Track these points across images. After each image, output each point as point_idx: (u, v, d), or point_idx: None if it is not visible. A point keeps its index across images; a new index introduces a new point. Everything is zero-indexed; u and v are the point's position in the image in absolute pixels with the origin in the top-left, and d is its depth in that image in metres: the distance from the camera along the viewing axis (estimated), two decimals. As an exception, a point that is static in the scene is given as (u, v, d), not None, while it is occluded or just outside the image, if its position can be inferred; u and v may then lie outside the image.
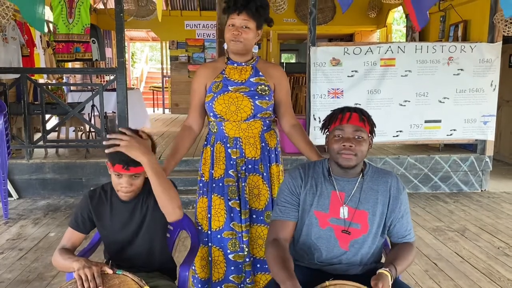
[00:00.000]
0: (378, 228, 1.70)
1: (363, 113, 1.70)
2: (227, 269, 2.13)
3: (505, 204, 4.78)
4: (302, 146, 2.19)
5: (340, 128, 1.65)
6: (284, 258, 1.61)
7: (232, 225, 2.11)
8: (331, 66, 4.89)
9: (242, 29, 2.03)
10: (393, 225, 1.72)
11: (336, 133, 1.66)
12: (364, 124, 1.66)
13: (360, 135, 1.64)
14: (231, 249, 2.11)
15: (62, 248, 1.77)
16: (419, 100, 5.01)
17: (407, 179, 5.24)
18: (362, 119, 1.66)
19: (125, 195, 1.75)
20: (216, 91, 2.08)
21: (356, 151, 1.62)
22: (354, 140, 1.63)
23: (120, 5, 4.78)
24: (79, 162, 4.97)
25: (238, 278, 2.14)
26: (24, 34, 6.18)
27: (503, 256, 3.41)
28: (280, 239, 1.69)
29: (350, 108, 1.71)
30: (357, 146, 1.63)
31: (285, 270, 1.55)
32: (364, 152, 1.66)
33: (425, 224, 4.14)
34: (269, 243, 1.70)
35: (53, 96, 5.13)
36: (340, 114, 1.67)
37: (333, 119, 1.70)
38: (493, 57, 4.98)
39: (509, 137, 6.60)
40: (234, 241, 2.11)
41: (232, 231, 2.11)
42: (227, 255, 2.12)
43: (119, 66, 4.87)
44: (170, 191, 1.69)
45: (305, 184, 1.73)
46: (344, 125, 1.65)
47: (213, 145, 2.16)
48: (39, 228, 3.99)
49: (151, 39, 14.74)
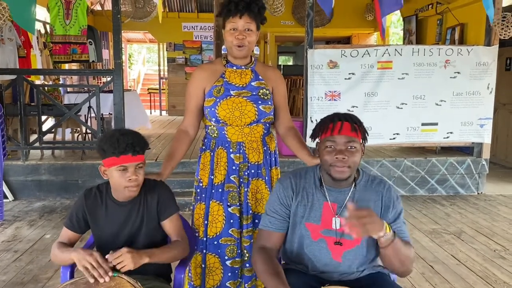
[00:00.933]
0: (371, 238, 1.64)
1: (354, 121, 1.62)
2: (224, 275, 2.10)
3: (502, 207, 4.79)
4: (295, 147, 2.15)
5: (332, 140, 1.59)
6: (273, 265, 1.58)
7: (231, 232, 2.08)
8: (328, 68, 4.89)
9: (246, 32, 1.98)
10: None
11: (327, 144, 1.60)
12: (356, 133, 1.59)
13: (353, 145, 1.58)
14: (229, 255, 2.08)
15: (59, 242, 1.79)
16: (416, 103, 5.02)
17: (404, 181, 5.25)
18: (354, 128, 1.59)
19: (133, 192, 1.72)
20: (218, 96, 2.03)
21: (349, 162, 1.57)
22: (347, 151, 1.57)
23: (118, 6, 4.78)
24: (75, 163, 4.95)
25: (234, 284, 2.11)
26: (20, 35, 6.16)
27: (499, 258, 3.41)
28: (267, 247, 1.67)
29: (341, 116, 1.63)
30: (350, 157, 1.57)
31: (276, 277, 1.52)
32: (357, 162, 1.61)
33: (422, 226, 4.14)
34: (255, 251, 1.68)
35: (49, 97, 5.12)
36: (331, 124, 1.60)
37: (323, 128, 1.62)
38: (489, 60, 5.00)
39: (506, 140, 6.62)
40: (232, 247, 2.08)
41: (230, 237, 2.08)
42: (225, 262, 2.09)
43: (116, 67, 4.87)
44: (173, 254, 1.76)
45: (296, 195, 1.69)
46: (336, 136, 1.58)
47: (213, 150, 2.11)
48: (35, 230, 3.97)
49: (148, 41, 14.73)
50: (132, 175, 1.69)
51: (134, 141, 1.68)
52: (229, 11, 1.96)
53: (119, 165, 1.68)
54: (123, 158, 1.67)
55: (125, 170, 1.69)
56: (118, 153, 1.66)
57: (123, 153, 1.66)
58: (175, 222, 1.85)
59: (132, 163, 1.68)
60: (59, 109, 5.09)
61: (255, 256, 1.66)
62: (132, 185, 1.70)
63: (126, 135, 1.70)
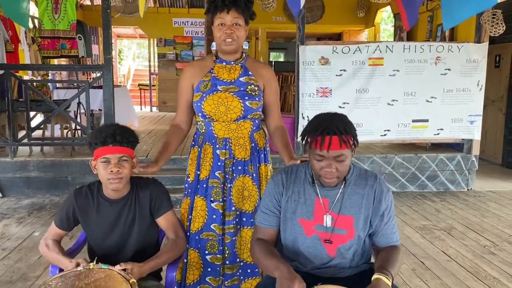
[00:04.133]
0: (363, 232, 1.67)
1: (343, 132, 1.54)
2: (204, 271, 2.10)
3: (491, 203, 4.83)
4: (279, 147, 2.14)
5: (321, 154, 1.55)
6: (271, 250, 1.62)
7: (212, 227, 2.08)
8: (319, 65, 4.88)
9: (234, 27, 1.99)
10: (378, 228, 1.67)
11: (317, 153, 1.56)
12: (346, 144, 1.54)
13: (342, 158, 1.56)
14: (209, 250, 2.08)
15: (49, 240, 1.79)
16: (407, 100, 5.03)
17: (395, 178, 5.27)
18: (343, 141, 1.53)
19: (116, 184, 1.70)
20: (204, 91, 2.04)
21: (338, 173, 1.57)
22: (336, 162, 1.55)
23: (107, 1, 4.72)
24: (64, 160, 4.90)
25: (215, 281, 2.11)
26: (8, 30, 6.07)
27: (489, 254, 3.44)
28: (264, 239, 1.72)
29: (330, 129, 1.53)
30: (340, 167, 1.56)
31: (275, 257, 1.55)
32: (347, 167, 1.60)
33: (412, 223, 4.16)
34: (253, 242, 1.72)
35: (38, 93, 5.05)
36: (320, 137, 1.53)
37: (312, 139, 1.57)
38: (479, 57, 5.02)
39: (494, 137, 6.68)
40: (213, 243, 2.08)
41: (212, 232, 2.08)
42: (205, 256, 2.09)
43: (106, 63, 4.81)
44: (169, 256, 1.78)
45: (286, 191, 1.69)
46: (325, 152, 1.54)
47: (201, 145, 2.12)
48: (23, 228, 3.92)
49: (139, 36, 14.60)
50: (114, 167, 1.67)
51: (115, 131, 1.67)
52: (216, 7, 1.98)
53: (101, 157, 1.67)
54: (104, 149, 1.67)
55: (108, 162, 1.67)
56: (99, 143, 1.66)
57: (104, 143, 1.66)
58: (170, 219, 1.84)
59: (114, 155, 1.67)
60: (48, 105, 5.03)
61: (252, 246, 1.71)
62: (113, 177, 1.68)
63: (109, 126, 1.70)
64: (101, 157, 1.67)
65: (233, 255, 2.11)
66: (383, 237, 1.68)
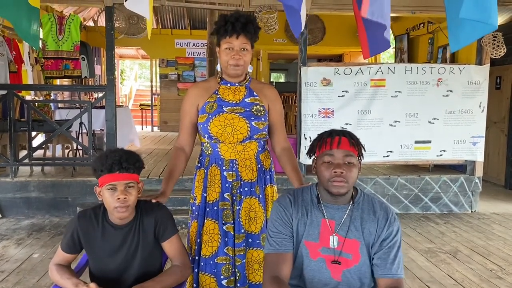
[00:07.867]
0: (369, 258, 1.63)
1: (352, 136, 1.64)
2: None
3: (495, 225, 4.78)
4: (288, 170, 2.14)
5: (330, 153, 1.59)
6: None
7: (226, 250, 2.05)
8: (322, 86, 4.90)
9: (242, 52, 2.00)
10: (378, 258, 1.60)
11: (325, 159, 1.60)
12: (354, 148, 1.61)
13: (350, 160, 1.59)
14: (224, 274, 2.05)
15: (59, 265, 1.76)
16: (409, 121, 5.03)
17: (398, 199, 5.23)
18: (352, 143, 1.61)
19: (122, 213, 1.67)
20: (210, 112, 2.04)
21: (347, 178, 1.58)
22: (345, 166, 1.58)
23: (111, 22, 4.76)
24: (65, 180, 4.87)
25: None
26: (12, 50, 6.10)
27: (496, 279, 3.38)
28: (281, 275, 1.58)
29: (339, 131, 1.65)
30: (348, 172, 1.58)
31: None
32: (355, 178, 1.61)
33: (417, 245, 4.10)
34: (268, 282, 1.57)
35: (40, 113, 5.05)
36: (329, 138, 1.61)
37: (321, 143, 1.63)
38: (481, 79, 5.04)
39: (497, 158, 6.66)
40: (228, 266, 2.05)
41: (226, 256, 2.05)
42: (221, 281, 2.05)
43: (109, 83, 4.82)
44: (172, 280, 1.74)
45: (296, 212, 1.66)
46: (334, 150, 1.59)
47: (207, 167, 2.10)
48: (22, 249, 3.87)
49: (141, 57, 14.72)
50: (120, 194, 1.63)
51: (122, 158, 1.64)
52: (226, 31, 1.98)
53: (108, 184, 1.64)
54: (111, 176, 1.63)
55: (114, 189, 1.64)
56: (105, 170, 1.63)
57: (110, 171, 1.63)
58: (175, 244, 1.81)
59: (120, 181, 1.64)
60: (50, 125, 5.02)
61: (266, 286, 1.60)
62: (120, 205, 1.64)
63: (114, 152, 1.67)
64: (107, 184, 1.64)
65: (243, 278, 2.07)
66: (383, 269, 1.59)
